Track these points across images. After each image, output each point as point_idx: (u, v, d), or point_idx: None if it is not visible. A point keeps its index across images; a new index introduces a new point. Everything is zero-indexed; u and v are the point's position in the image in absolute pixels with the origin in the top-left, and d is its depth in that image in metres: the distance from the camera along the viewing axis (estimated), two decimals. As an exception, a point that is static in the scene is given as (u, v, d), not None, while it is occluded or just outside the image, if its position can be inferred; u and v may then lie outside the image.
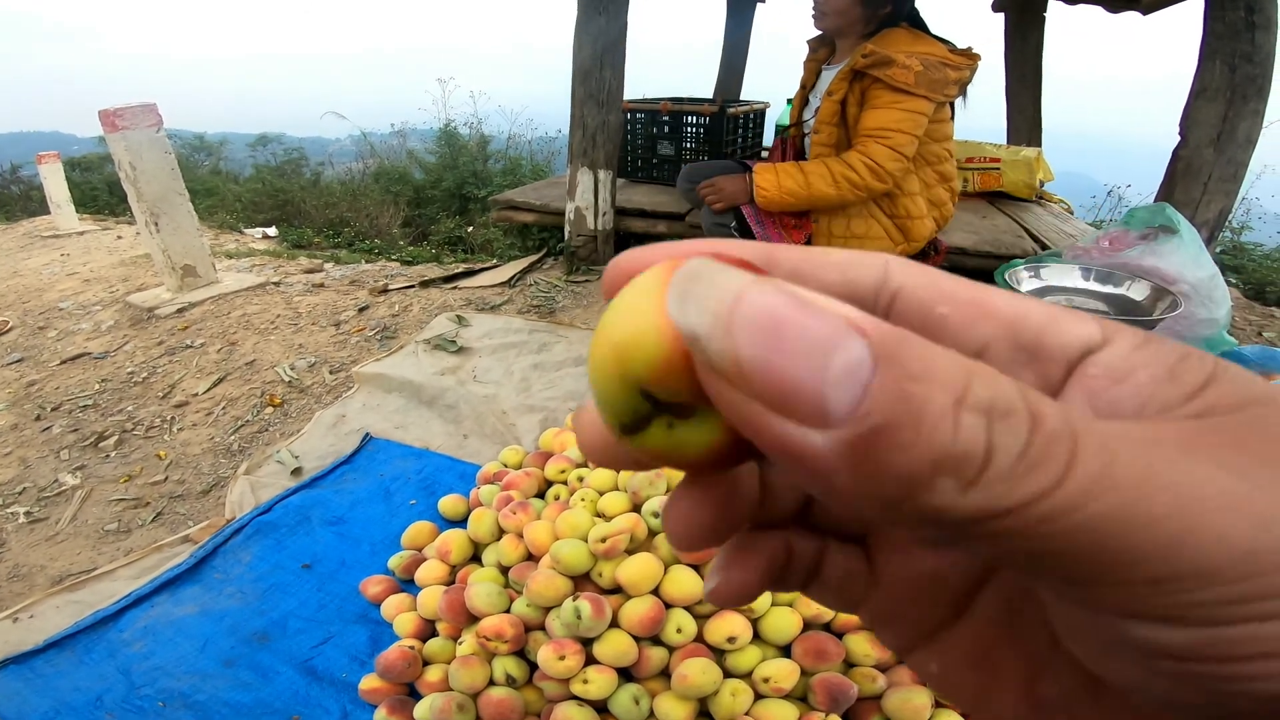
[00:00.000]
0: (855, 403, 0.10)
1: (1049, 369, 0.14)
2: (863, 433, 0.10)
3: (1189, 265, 1.52)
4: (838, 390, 0.10)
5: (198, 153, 7.49)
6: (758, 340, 0.11)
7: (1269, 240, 4.03)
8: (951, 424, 0.10)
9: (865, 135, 1.69)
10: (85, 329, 2.25)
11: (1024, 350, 0.14)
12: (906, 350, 0.10)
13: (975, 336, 0.14)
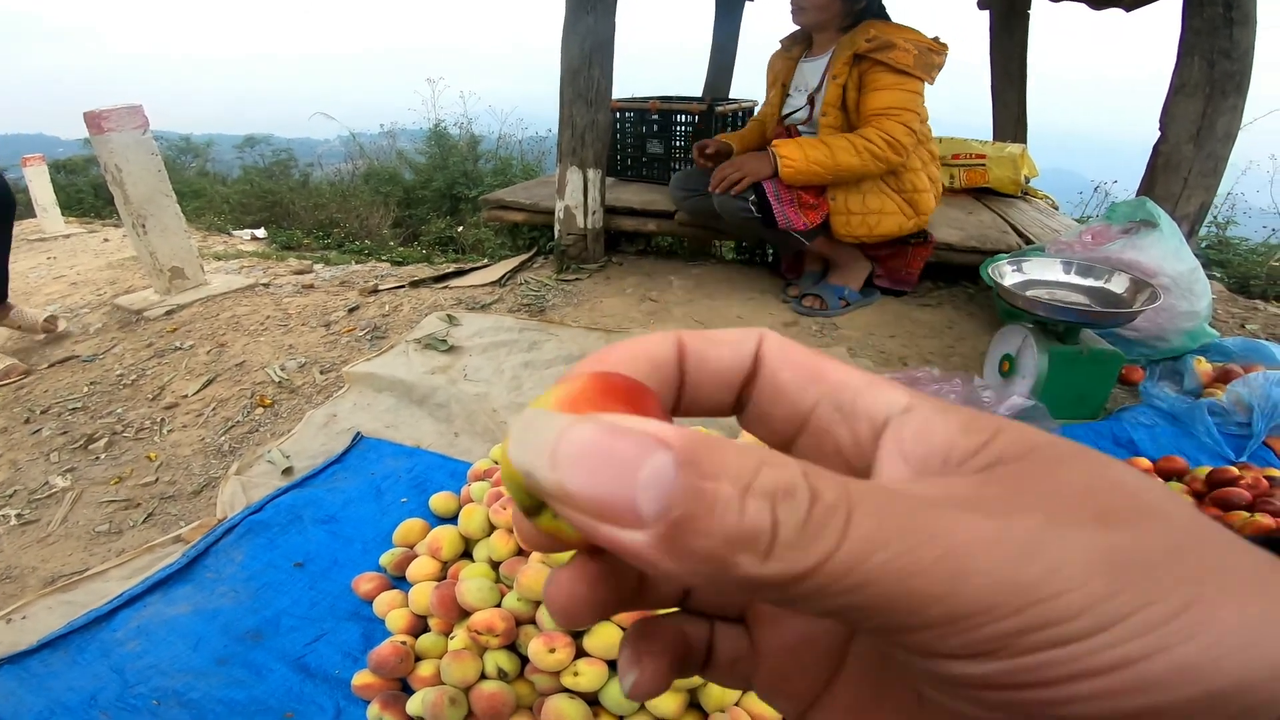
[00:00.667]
0: (662, 504, 0.12)
1: (859, 428, 0.17)
2: (669, 527, 0.12)
3: (1169, 258, 1.54)
4: (647, 495, 0.12)
5: (184, 154, 7.45)
6: (577, 470, 0.13)
7: (1254, 235, 4.07)
8: (738, 509, 0.12)
9: (877, 114, 1.77)
10: (74, 332, 2.25)
11: (841, 411, 0.17)
12: (703, 453, 0.12)
13: (806, 398, 0.18)
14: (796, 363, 0.18)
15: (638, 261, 2.46)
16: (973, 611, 0.12)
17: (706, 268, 2.41)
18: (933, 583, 0.12)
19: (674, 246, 2.90)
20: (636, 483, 0.12)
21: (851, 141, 1.77)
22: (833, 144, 1.78)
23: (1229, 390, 1.42)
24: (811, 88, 1.98)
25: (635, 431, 0.13)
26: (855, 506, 0.12)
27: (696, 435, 0.13)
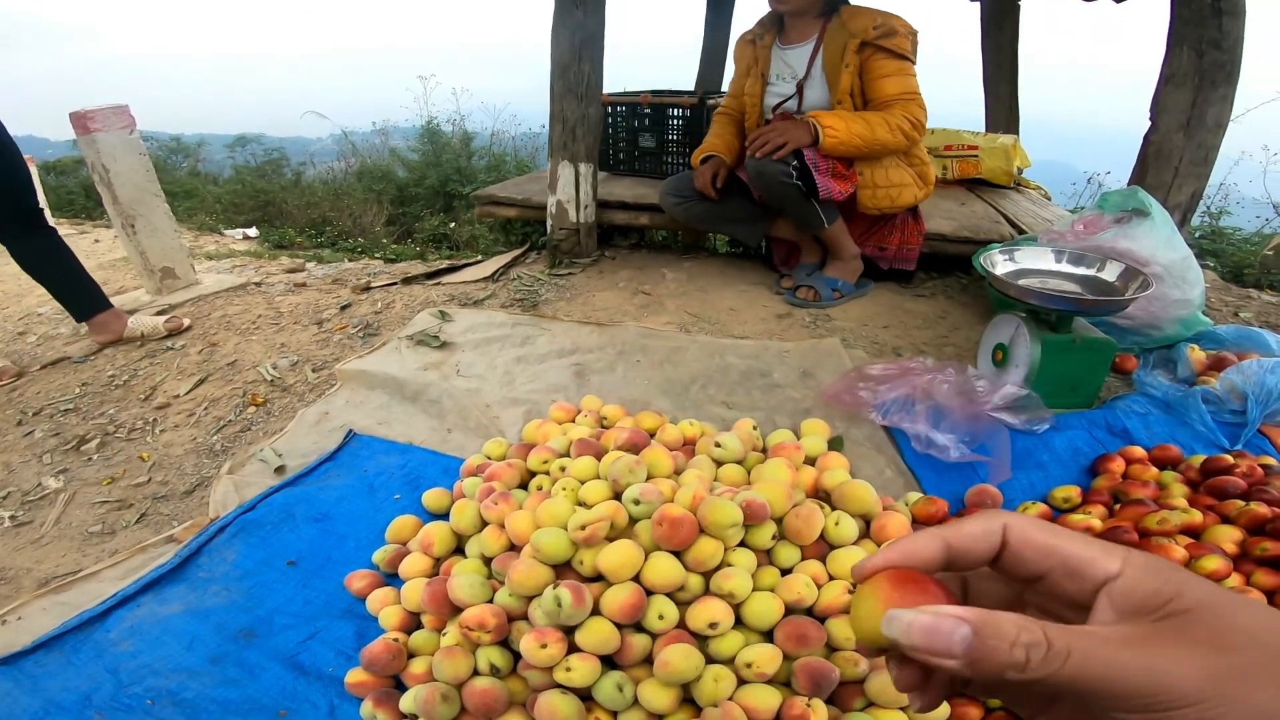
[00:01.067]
0: (966, 650, 0.25)
1: (1084, 586, 0.27)
2: (969, 662, 0.25)
3: (1161, 247, 1.54)
4: (960, 647, 0.25)
5: (175, 155, 7.39)
6: (923, 638, 0.26)
7: (1247, 224, 4.07)
8: (1008, 653, 0.24)
9: (897, 99, 1.83)
10: (64, 333, 2.23)
11: (1071, 576, 0.28)
12: (987, 624, 0.25)
13: (1044, 566, 0.28)
14: (1036, 545, 0.29)
15: (631, 255, 2.46)
16: (1125, 693, 0.23)
17: (699, 261, 2.41)
18: (1103, 680, 0.23)
19: (667, 240, 2.90)
20: (953, 643, 0.25)
21: (885, 120, 1.81)
22: (871, 120, 1.81)
23: (1223, 378, 1.42)
24: (799, 75, 1.97)
25: (948, 614, 0.25)
26: (1073, 646, 0.24)
27: (983, 613, 0.25)
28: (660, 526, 0.89)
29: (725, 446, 1.15)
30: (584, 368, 1.66)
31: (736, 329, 1.89)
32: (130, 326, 2.06)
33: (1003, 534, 0.29)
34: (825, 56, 1.91)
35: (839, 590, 0.91)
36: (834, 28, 1.87)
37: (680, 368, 1.65)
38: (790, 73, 2.00)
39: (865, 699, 0.84)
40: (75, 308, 2.03)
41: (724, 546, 0.91)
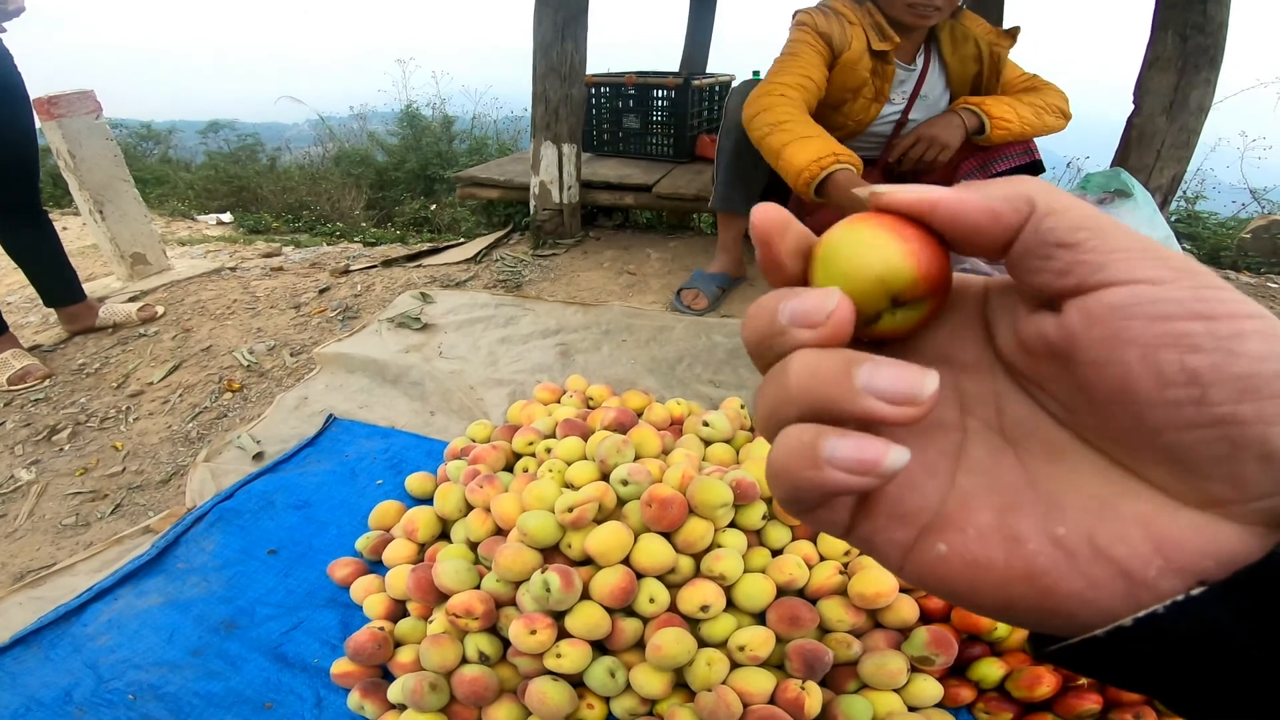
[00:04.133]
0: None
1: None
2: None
3: (1144, 227, 1.55)
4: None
5: (145, 141, 7.20)
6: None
7: (1224, 209, 4.13)
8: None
9: (1044, 88, 1.66)
10: (34, 322, 2.17)
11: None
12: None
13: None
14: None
15: (615, 235, 2.43)
16: (1151, 246, 0.18)
17: (684, 240, 2.39)
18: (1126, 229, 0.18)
19: (652, 221, 2.87)
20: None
21: (1045, 102, 1.62)
22: (1034, 104, 1.61)
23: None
24: (907, 93, 1.71)
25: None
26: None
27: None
28: (649, 507, 0.87)
29: (713, 425, 1.13)
30: (569, 348, 1.64)
31: (723, 308, 1.87)
32: (101, 316, 2.00)
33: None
34: (953, 69, 1.69)
35: (830, 571, 0.91)
36: (953, 35, 1.68)
37: (666, 346, 1.63)
38: (902, 92, 1.74)
39: (859, 681, 0.84)
40: (51, 295, 1.97)
41: (714, 527, 0.90)
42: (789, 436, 0.19)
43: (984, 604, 0.20)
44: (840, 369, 0.18)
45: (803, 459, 0.18)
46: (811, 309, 0.19)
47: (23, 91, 1.76)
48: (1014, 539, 0.19)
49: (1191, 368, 0.16)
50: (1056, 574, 0.18)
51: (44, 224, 1.89)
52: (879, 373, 0.18)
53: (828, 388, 0.18)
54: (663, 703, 0.82)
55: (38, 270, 1.93)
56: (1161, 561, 0.17)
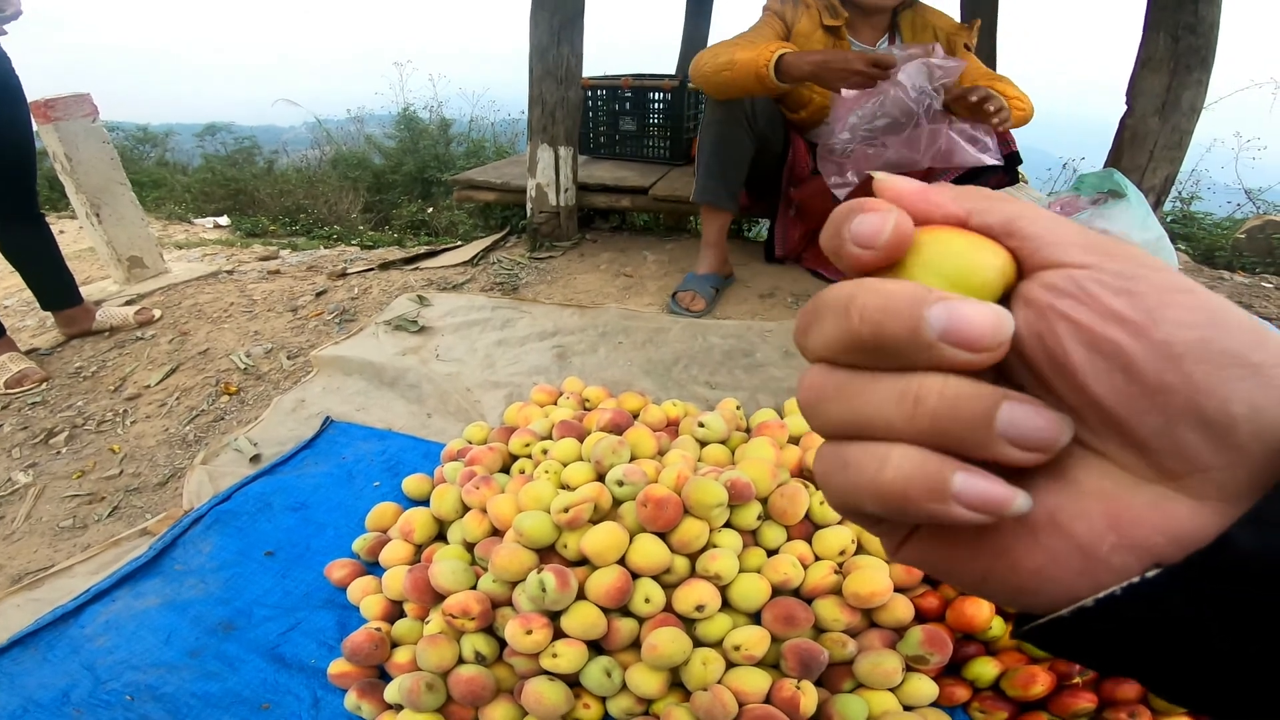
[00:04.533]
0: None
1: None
2: None
3: (1136, 227, 1.56)
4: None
5: (142, 144, 7.19)
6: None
7: (1219, 210, 4.14)
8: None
9: (999, 79, 1.67)
10: (30, 325, 2.17)
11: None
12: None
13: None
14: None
15: (612, 238, 2.44)
16: (1080, 232, 0.19)
17: (681, 243, 2.39)
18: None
19: (649, 223, 2.88)
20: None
21: (1022, 96, 1.63)
22: (1024, 95, 1.62)
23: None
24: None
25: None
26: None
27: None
28: (645, 507, 0.88)
29: (709, 426, 1.14)
30: (565, 350, 1.64)
31: (718, 310, 1.88)
32: (99, 320, 2.00)
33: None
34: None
35: (825, 570, 0.91)
36: (914, 22, 1.73)
37: (663, 348, 1.64)
38: None
39: (854, 680, 0.84)
40: (47, 298, 1.97)
41: (709, 527, 0.91)
42: (910, 462, 0.18)
43: (963, 578, 0.20)
44: (986, 408, 0.17)
45: (927, 490, 0.18)
46: (980, 331, 0.17)
47: (21, 94, 1.76)
48: None
49: (1118, 342, 0.17)
50: (1021, 548, 0.18)
51: (41, 227, 1.90)
52: (1021, 418, 0.17)
53: (966, 425, 0.17)
54: (659, 702, 0.82)
55: (35, 273, 1.93)
56: (1115, 538, 0.17)
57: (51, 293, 1.96)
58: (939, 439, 0.18)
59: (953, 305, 0.17)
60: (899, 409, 0.18)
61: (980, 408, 0.17)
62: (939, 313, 0.17)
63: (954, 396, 0.18)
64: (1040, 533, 0.18)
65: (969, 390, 0.17)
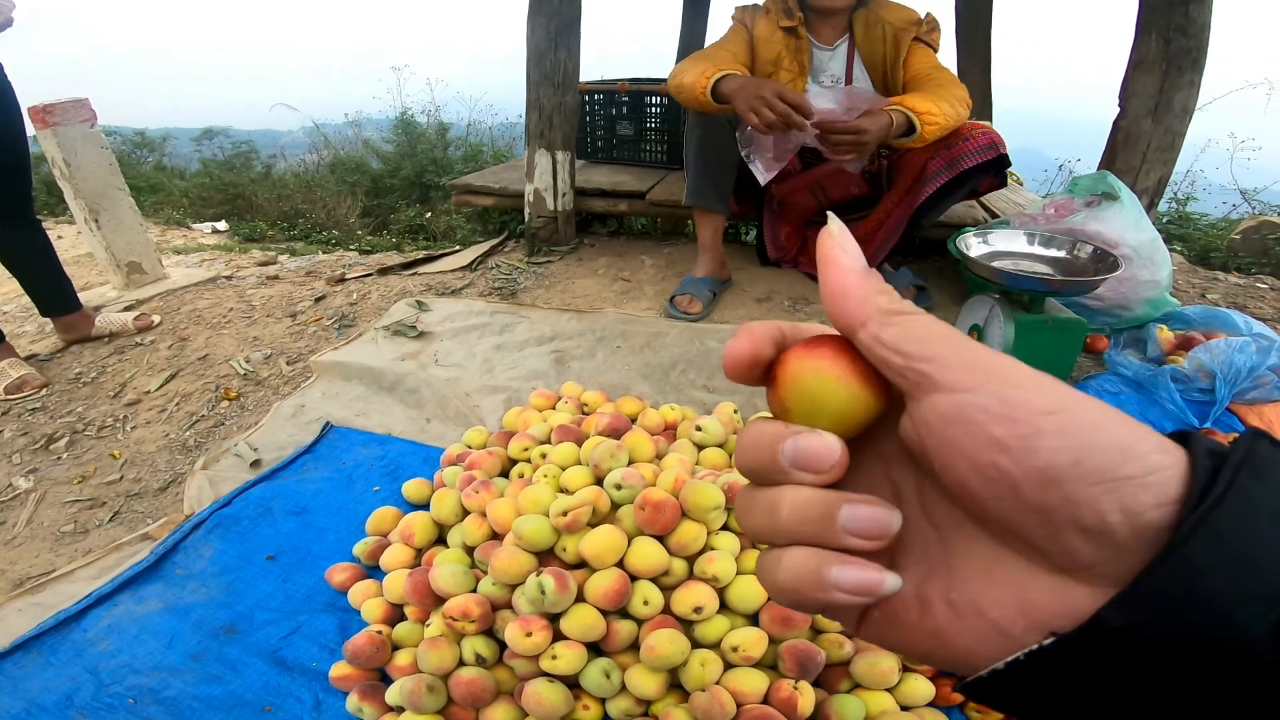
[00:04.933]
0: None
1: None
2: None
3: (1130, 229, 1.57)
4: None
5: (140, 149, 7.20)
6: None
7: (1215, 210, 4.16)
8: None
9: (947, 81, 1.72)
10: (30, 331, 2.18)
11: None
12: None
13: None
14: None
15: (609, 242, 2.45)
16: (967, 356, 0.21)
17: (679, 247, 2.41)
18: (952, 337, 0.21)
19: (646, 227, 2.89)
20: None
21: (953, 95, 1.65)
22: (948, 98, 1.63)
23: (1190, 357, 1.45)
24: (838, 78, 1.83)
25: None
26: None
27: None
28: (643, 511, 0.89)
29: (706, 430, 1.15)
30: (564, 354, 1.65)
31: (716, 314, 1.89)
32: (98, 325, 2.00)
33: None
34: (864, 52, 1.79)
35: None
36: (867, 20, 1.77)
37: (660, 353, 1.65)
38: (830, 77, 1.84)
39: (851, 680, 0.85)
40: (46, 304, 1.97)
41: (707, 530, 0.91)
42: (795, 562, 0.23)
43: (910, 653, 0.24)
44: (826, 513, 0.22)
45: (811, 584, 0.22)
46: (815, 458, 0.23)
47: (13, 99, 1.76)
48: (925, 603, 0.23)
49: (1002, 467, 0.19)
50: (952, 632, 0.22)
51: (37, 232, 1.90)
52: (857, 515, 0.22)
53: (815, 527, 0.22)
54: (657, 703, 0.83)
55: (33, 279, 1.94)
56: (1025, 621, 0.21)
57: (50, 299, 1.96)
58: (801, 539, 0.23)
59: (799, 440, 0.23)
60: (769, 516, 0.23)
61: (823, 511, 0.22)
62: (788, 446, 0.23)
63: (803, 504, 0.23)
64: (965, 619, 0.22)
65: (816, 497, 0.22)
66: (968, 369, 0.20)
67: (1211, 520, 0.17)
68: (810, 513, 0.22)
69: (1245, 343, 1.43)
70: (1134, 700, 0.19)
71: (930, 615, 0.23)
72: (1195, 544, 0.17)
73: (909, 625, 0.23)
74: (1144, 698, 0.19)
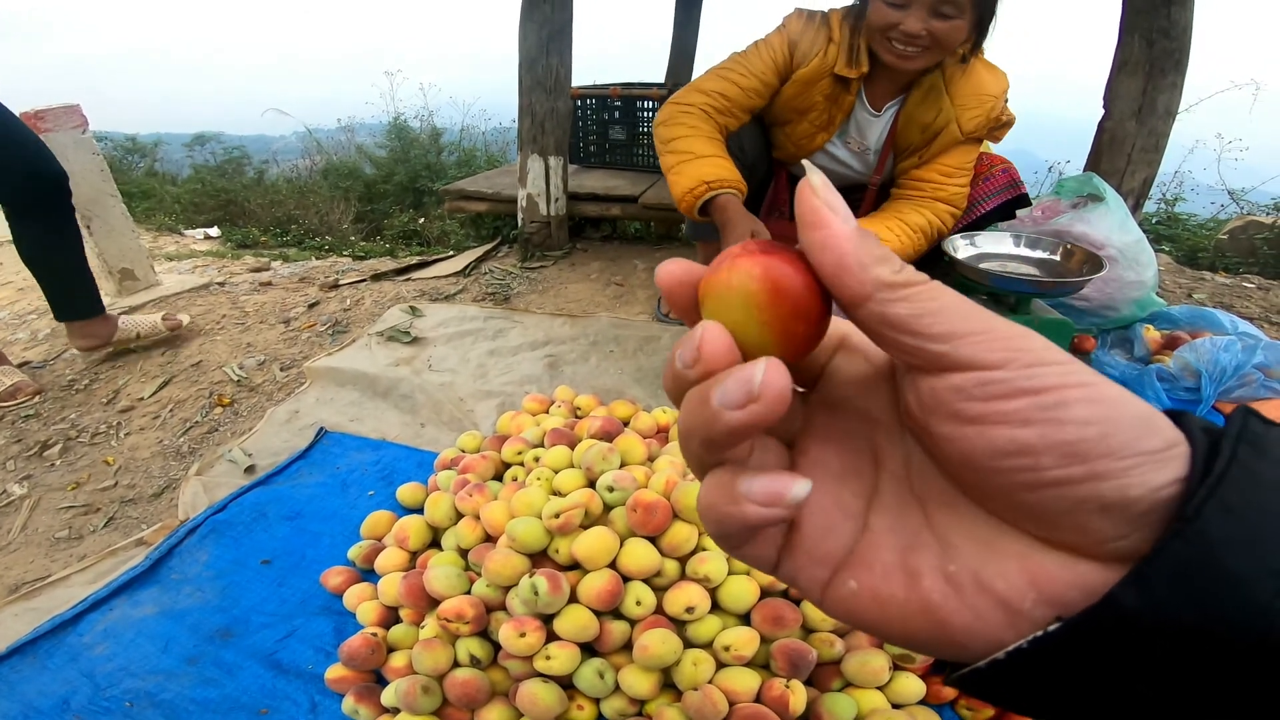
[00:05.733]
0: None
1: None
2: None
3: (1116, 231, 1.59)
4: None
5: (131, 155, 7.18)
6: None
7: (1203, 210, 4.19)
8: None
9: (946, 175, 1.50)
10: (22, 338, 2.17)
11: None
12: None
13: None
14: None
15: (603, 247, 2.46)
16: (990, 329, 0.19)
17: (671, 250, 2.42)
18: (969, 309, 0.19)
19: (640, 232, 2.91)
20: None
21: (931, 216, 1.48)
22: (923, 226, 1.47)
23: (1176, 356, 1.47)
24: (871, 147, 1.57)
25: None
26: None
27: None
28: (635, 512, 0.90)
29: (698, 433, 1.15)
30: (557, 359, 1.66)
31: (708, 319, 1.90)
32: (123, 328, 1.86)
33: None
34: (903, 122, 1.49)
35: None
36: (929, 90, 1.44)
37: (654, 357, 1.66)
38: (861, 143, 1.57)
39: (843, 679, 0.86)
40: (68, 308, 1.81)
41: (698, 531, 0.92)
42: (712, 478, 0.22)
43: (891, 635, 0.22)
44: (730, 484, 0.21)
45: (724, 496, 0.21)
46: (710, 351, 0.20)
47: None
48: (913, 575, 0.21)
49: (1023, 440, 0.18)
50: (949, 607, 0.20)
51: (69, 217, 1.77)
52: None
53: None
54: (651, 703, 0.83)
55: (58, 274, 1.79)
56: (1035, 594, 0.19)
57: (73, 301, 1.81)
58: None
59: (750, 483, 0.21)
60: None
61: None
62: (742, 486, 0.21)
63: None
64: (965, 593, 0.20)
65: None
66: (989, 344, 0.19)
67: (1220, 493, 0.17)
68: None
69: (1231, 341, 1.45)
70: (1146, 692, 0.18)
71: (920, 589, 0.21)
72: (1208, 516, 0.17)
73: (895, 600, 0.21)
74: (1158, 689, 0.18)
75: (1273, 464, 0.18)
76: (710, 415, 0.20)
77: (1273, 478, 0.17)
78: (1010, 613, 0.20)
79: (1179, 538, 0.17)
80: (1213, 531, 0.17)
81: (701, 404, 0.20)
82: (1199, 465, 0.18)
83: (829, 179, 0.21)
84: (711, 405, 0.19)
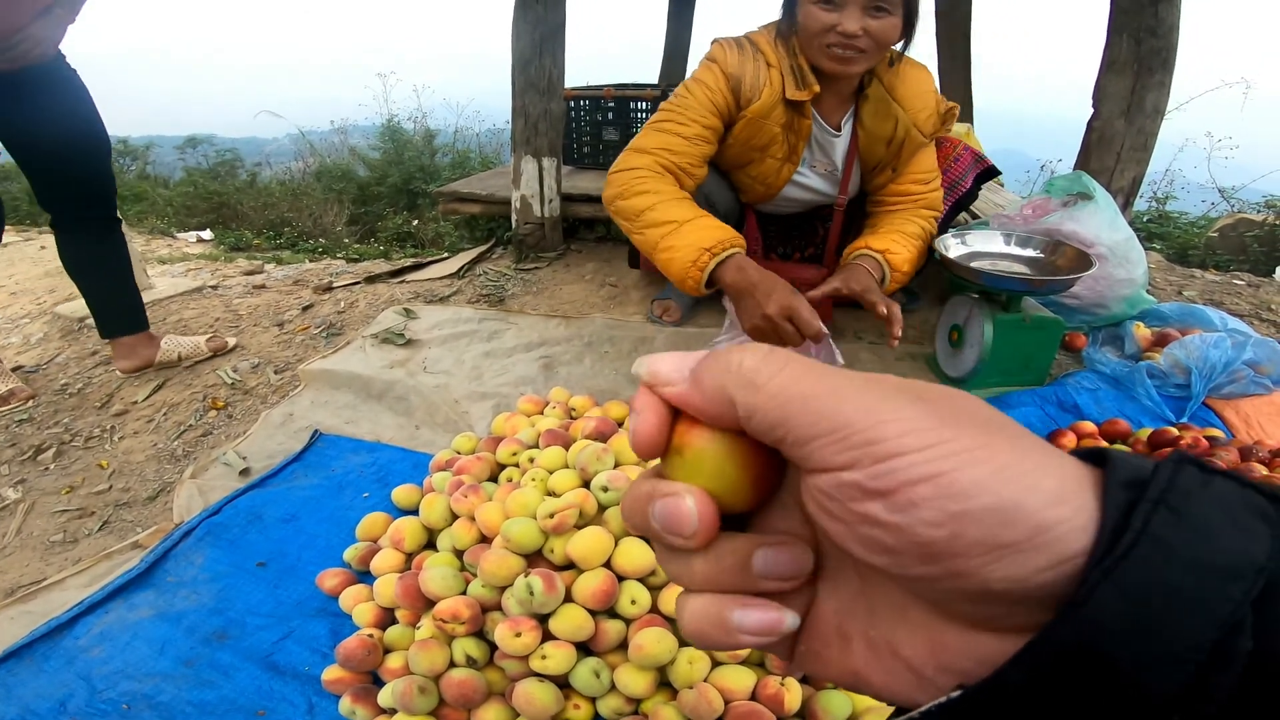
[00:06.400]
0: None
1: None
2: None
3: (1105, 229, 1.60)
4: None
5: (122, 157, 7.16)
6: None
7: (1193, 209, 4.22)
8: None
9: (921, 183, 1.53)
10: (15, 342, 2.17)
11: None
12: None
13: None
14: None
15: (597, 248, 2.46)
16: (840, 426, 0.19)
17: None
18: (823, 405, 0.20)
19: (633, 234, 2.91)
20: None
21: (925, 226, 1.50)
22: (920, 234, 1.48)
23: (1166, 353, 1.49)
24: (836, 169, 1.55)
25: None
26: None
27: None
28: (630, 512, 0.90)
29: (693, 433, 1.16)
30: (552, 360, 1.67)
31: (695, 319, 1.91)
32: (165, 349, 1.81)
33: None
34: (864, 140, 1.47)
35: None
36: (876, 101, 1.43)
37: (648, 358, 1.66)
38: (827, 164, 1.54)
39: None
40: (113, 323, 1.77)
41: (693, 529, 0.93)
42: (698, 608, 0.23)
43: (841, 685, 0.25)
44: (720, 616, 0.23)
45: (716, 629, 0.23)
46: (678, 522, 0.23)
47: (81, 84, 1.64)
48: (846, 639, 0.23)
49: (881, 541, 0.19)
50: (869, 669, 0.23)
51: (118, 235, 1.75)
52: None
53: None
54: (647, 701, 0.84)
55: (101, 287, 1.75)
56: (935, 663, 0.21)
57: (118, 316, 1.77)
58: (717, 587, 0.23)
59: (665, 503, 0.23)
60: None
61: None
62: (656, 509, 0.23)
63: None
64: (882, 657, 0.22)
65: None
66: (838, 445, 0.19)
67: (1117, 575, 0.16)
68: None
69: (1220, 338, 1.46)
70: None
71: (850, 652, 0.23)
72: (1098, 601, 0.16)
73: (833, 661, 0.24)
74: None
75: (1192, 533, 0.17)
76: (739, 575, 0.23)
77: (1188, 554, 0.16)
78: (918, 677, 0.21)
79: (1064, 623, 0.17)
80: (1104, 618, 0.16)
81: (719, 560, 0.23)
82: (1106, 535, 0.17)
83: (801, 206, 0.24)
84: (751, 571, 0.23)
